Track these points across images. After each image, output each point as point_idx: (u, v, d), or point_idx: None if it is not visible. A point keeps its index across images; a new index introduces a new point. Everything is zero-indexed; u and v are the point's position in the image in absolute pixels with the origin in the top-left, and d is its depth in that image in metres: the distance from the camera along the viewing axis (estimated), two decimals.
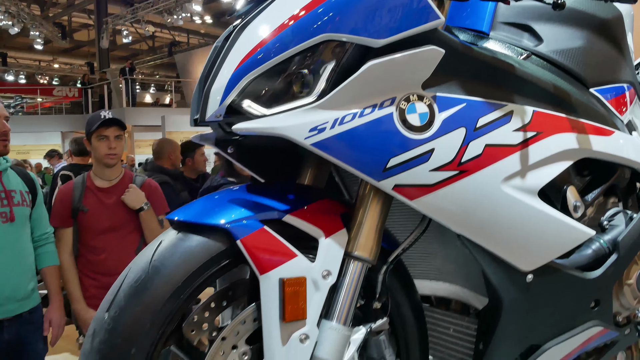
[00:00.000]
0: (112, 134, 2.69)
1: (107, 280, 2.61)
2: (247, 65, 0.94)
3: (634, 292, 1.29)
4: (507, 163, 1.02)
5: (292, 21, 0.93)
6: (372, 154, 0.93)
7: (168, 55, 20.42)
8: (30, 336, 2.43)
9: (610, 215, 1.29)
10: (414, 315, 1.17)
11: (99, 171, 2.76)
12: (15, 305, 2.35)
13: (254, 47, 0.95)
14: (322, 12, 0.92)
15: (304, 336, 0.96)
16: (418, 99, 0.96)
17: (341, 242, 1.00)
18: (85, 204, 2.72)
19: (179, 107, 17.21)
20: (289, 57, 0.93)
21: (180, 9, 14.10)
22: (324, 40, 0.92)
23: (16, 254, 2.37)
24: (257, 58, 0.94)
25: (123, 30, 17.03)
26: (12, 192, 2.40)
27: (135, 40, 18.62)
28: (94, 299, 2.68)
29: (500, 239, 1.05)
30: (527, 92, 1.08)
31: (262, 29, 0.96)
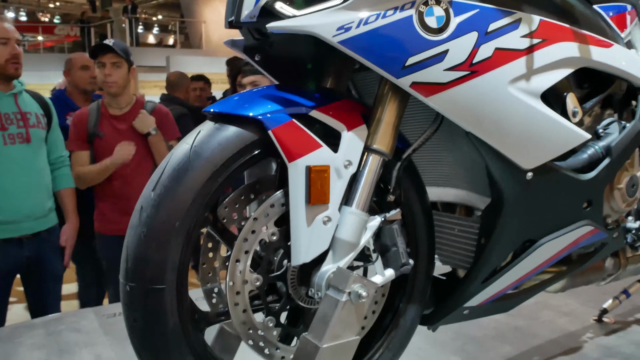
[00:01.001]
0: (108, 60, 2.73)
1: (122, 205, 2.73)
2: None
3: (623, 196, 1.41)
4: (514, 66, 1.12)
5: None
6: (392, 53, 1.03)
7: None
8: (49, 255, 2.57)
9: (606, 124, 1.39)
10: (423, 211, 1.29)
11: (109, 100, 2.83)
12: (34, 223, 2.47)
13: None
14: None
15: (326, 218, 1.08)
16: (436, 3, 1.05)
17: (361, 136, 1.11)
18: (101, 129, 2.81)
19: (183, 47, 17.07)
20: None
21: None
22: None
23: (33, 174, 2.48)
24: None
25: None
26: (28, 114, 2.49)
27: None
28: (111, 223, 2.80)
29: (505, 137, 1.16)
30: (534, 3, 1.17)
31: None
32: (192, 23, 17.59)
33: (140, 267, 1.01)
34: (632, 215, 1.58)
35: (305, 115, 1.09)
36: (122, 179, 2.80)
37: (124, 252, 1.04)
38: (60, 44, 19.60)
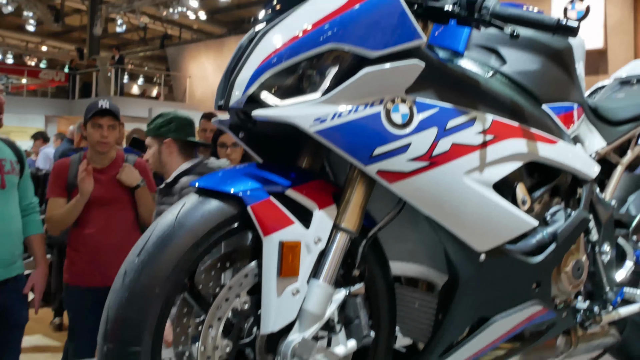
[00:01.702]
0: (106, 123, 2.83)
1: (94, 256, 2.77)
2: (268, 63, 1.16)
3: (569, 279, 1.53)
4: (469, 159, 1.25)
5: (306, 32, 1.15)
6: (361, 143, 1.16)
7: (160, 47, 20.48)
8: (15, 304, 2.55)
9: (553, 212, 1.53)
10: (386, 286, 1.39)
11: (93, 155, 2.91)
12: (3, 271, 2.47)
13: (274, 49, 1.16)
14: (330, 27, 1.14)
15: (295, 290, 1.18)
16: (401, 102, 1.19)
17: (331, 215, 1.22)
18: None
19: (167, 100, 17.31)
20: (302, 60, 1.16)
21: (177, 2, 14.23)
22: (330, 49, 1.14)
23: (6, 220, 2.50)
24: (277, 58, 1.15)
25: (117, 19, 17.07)
26: (3, 161, 2.55)
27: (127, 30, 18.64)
28: (81, 274, 2.82)
29: (461, 222, 1.28)
30: (489, 103, 1.32)
31: (281, 35, 1.18)
32: (177, 76, 17.93)
33: (119, 329, 1.08)
34: (582, 296, 1.70)
35: (282, 194, 1.20)
36: (98, 228, 2.82)
37: (105, 314, 1.11)
38: (43, 88, 19.72)
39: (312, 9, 1.18)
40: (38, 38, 22.93)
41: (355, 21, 1.14)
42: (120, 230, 2.81)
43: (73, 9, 19.62)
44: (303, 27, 1.16)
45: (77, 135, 4.47)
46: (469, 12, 1.24)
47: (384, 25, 1.14)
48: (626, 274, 1.83)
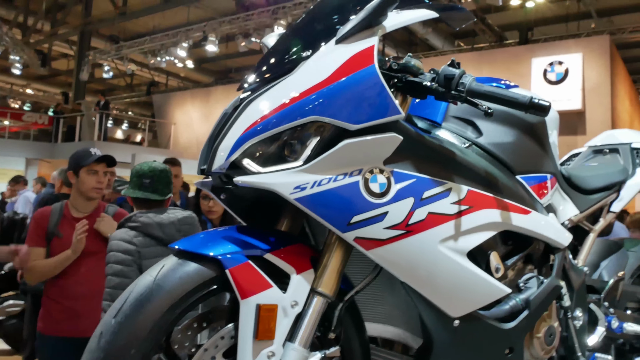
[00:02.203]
0: (102, 169, 2.88)
1: (70, 305, 2.75)
2: (251, 132, 1.20)
3: (541, 345, 1.56)
4: (444, 228, 1.30)
5: (290, 103, 1.21)
6: (340, 211, 1.20)
7: (146, 94, 20.67)
8: None
9: (526, 279, 1.57)
10: (361, 349, 1.40)
11: (78, 203, 2.91)
12: None
13: (258, 118, 1.21)
14: (313, 100, 1.20)
15: (271, 353, 1.19)
16: (379, 172, 1.24)
17: (308, 279, 1.25)
18: (61, 229, 2.87)
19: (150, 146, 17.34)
20: (284, 130, 1.21)
21: (165, 52, 14.46)
22: (312, 121, 1.20)
23: None
24: (261, 127, 1.20)
25: (104, 65, 17.25)
26: None
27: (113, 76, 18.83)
28: (57, 323, 2.78)
29: (435, 288, 1.31)
30: (464, 174, 1.38)
31: (266, 104, 1.23)
32: (162, 123, 18.03)
33: None
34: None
35: (260, 257, 1.23)
36: (76, 278, 2.80)
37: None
38: (26, 130, 19.66)
39: (296, 81, 1.24)
40: (24, 81, 23.01)
41: (336, 95, 1.20)
42: (99, 281, 2.77)
43: (60, 54, 19.81)
44: (287, 98, 1.21)
45: (59, 180, 4.46)
46: (446, 89, 1.31)
47: (364, 100, 1.20)
48: (598, 339, 1.87)
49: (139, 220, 2.45)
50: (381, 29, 1.30)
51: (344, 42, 1.27)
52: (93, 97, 18.89)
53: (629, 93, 13.37)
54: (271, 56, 1.38)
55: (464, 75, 1.32)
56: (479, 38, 14.95)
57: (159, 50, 14.60)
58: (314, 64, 1.26)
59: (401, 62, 1.37)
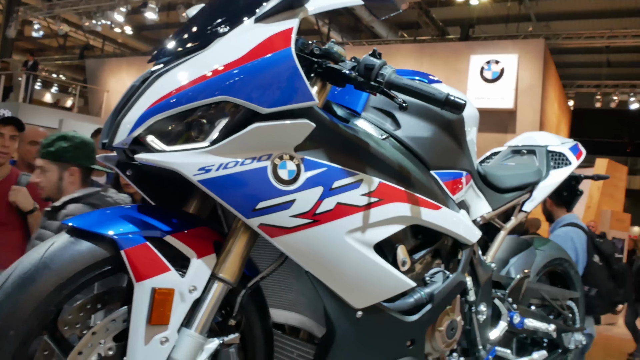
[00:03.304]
0: (7, 132, 2.71)
1: None
2: (157, 107, 1.14)
3: (443, 338, 1.59)
4: (352, 219, 1.29)
5: (200, 80, 1.15)
6: (245, 196, 1.16)
7: (79, 57, 19.70)
8: None
9: (432, 273, 1.60)
10: (263, 336, 1.38)
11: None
12: None
13: (166, 93, 1.15)
14: (224, 78, 1.15)
15: (164, 339, 1.15)
16: (289, 159, 1.21)
17: (209, 264, 1.21)
18: None
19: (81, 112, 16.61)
20: (192, 108, 1.15)
21: (101, 15, 13.80)
22: (222, 101, 1.15)
23: None
24: (167, 103, 1.14)
25: (34, 23, 16.30)
26: None
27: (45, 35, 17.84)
28: None
29: (339, 279, 1.30)
30: (377, 166, 1.37)
31: (176, 79, 1.17)
32: (94, 89, 17.29)
33: None
34: (456, 353, 1.77)
35: (160, 239, 1.17)
36: None
37: None
38: None
39: (209, 58, 1.19)
40: None
41: (249, 76, 1.15)
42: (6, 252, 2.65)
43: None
44: (197, 75, 1.16)
45: None
46: (366, 78, 1.29)
47: (277, 83, 1.17)
48: (499, 333, 1.93)
49: (111, 198, 2.35)
50: (303, 11, 1.26)
51: (263, 21, 1.23)
52: (21, 57, 17.85)
53: (559, 97, 13.97)
54: (187, 29, 1.31)
55: (384, 67, 1.30)
56: (422, 30, 15.16)
57: (95, 13, 13.93)
58: (229, 41, 1.21)
59: (323, 48, 1.33)
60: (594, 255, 3.35)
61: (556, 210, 3.32)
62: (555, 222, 3.47)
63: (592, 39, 13.19)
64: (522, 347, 2.32)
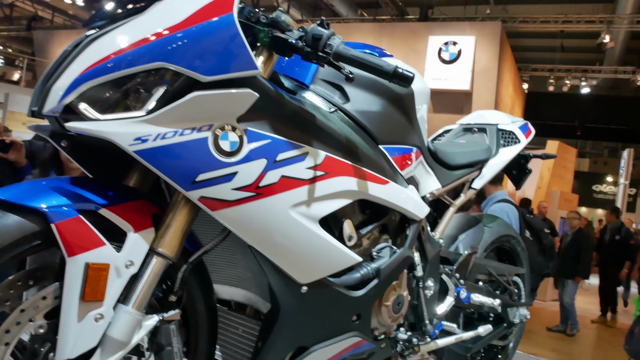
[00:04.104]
0: None
1: None
2: (90, 73, 1.08)
3: (389, 312, 1.60)
4: (296, 193, 1.26)
5: (137, 45, 1.09)
6: (184, 168, 1.12)
7: (26, 29, 18.84)
8: None
9: (379, 248, 1.59)
10: (207, 312, 1.35)
11: None
12: None
13: (100, 58, 1.09)
14: (162, 44, 1.09)
15: (99, 316, 1.10)
16: (231, 130, 1.17)
17: (148, 238, 1.16)
18: None
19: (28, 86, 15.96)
20: (128, 74, 1.09)
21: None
22: (159, 67, 1.10)
23: None
24: (101, 68, 1.08)
25: None
26: None
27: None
28: None
29: (283, 254, 1.28)
30: (323, 139, 1.34)
31: (111, 44, 1.10)
32: (43, 62, 16.62)
33: None
34: (403, 327, 1.78)
35: (94, 212, 1.12)
36: None
37: None
38: None
39: (147, 22, 1.13)
40: None
41: (189, 42, 1.10)
42: None
43: None
44: (134, 39, 1.10)
45: None
46: (313, 49, 1.26)
47: (218, 51, 1.12)
48: (446, 308, 1.96)
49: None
50: None
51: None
52: None
53: (514, 80, 14.21)
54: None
55: (332, 37, 1.27)
56: (381, 10, 15.12)
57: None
58: (168, 5, 1.15)
59: (270, 16, 1.29)
60: (525, 231, 3.48)
61: (489, 187, 3.41)
62: (488, 199, 3.57)
63: (547, 24, 13.42)
64: (468, 322, 2.36)
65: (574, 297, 7.08)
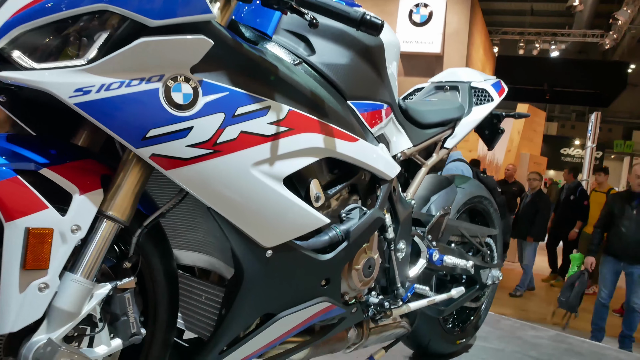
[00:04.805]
0: None
1: None
2: (23, 15, 0.96)
3: (360, 276, 1.53)
4: (258, 150, 1.17)
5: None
6: (133, 123, 1.02)
7: None
8: None
9: (349, 210, 1.52)
10: (166, 279, 1.27)
11: None
12: None
13: (32, 0, 0.97)
14: None
15: (43, 285, 1.01)
16: (185, 81, 1.06)
17: (95, 201, 1.07)
18: None
19: None
20: (67, 18, 0.98)
21: None
22: (102, 10, 0.98)
23: None
24: (34, 11, 0.96)
25: None
26: None
27: None
28: None
29: (246, 216, 1.20)
30: (287, 93, 1.25)
31: None
32: None
33: None
34: (375, 291, 1.73)
35: (35, 173, 1.02)
36: None
37: None
38: None
39: None
40: None
41: None
42: None
43: None
44: None
45: None
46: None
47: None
48: (418, 271, 1.91)
49: None
50: None
51: None
52: None
53: (484, 43, 14.16)
54: None
55: None
56: None
57: None
58: None
59: None
60: None
61: None
62: None
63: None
64: (440, 284, 2.33)
65: (532, 258, 7.09)
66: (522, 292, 7.02)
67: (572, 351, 2.84)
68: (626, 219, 4.66)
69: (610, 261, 4.76)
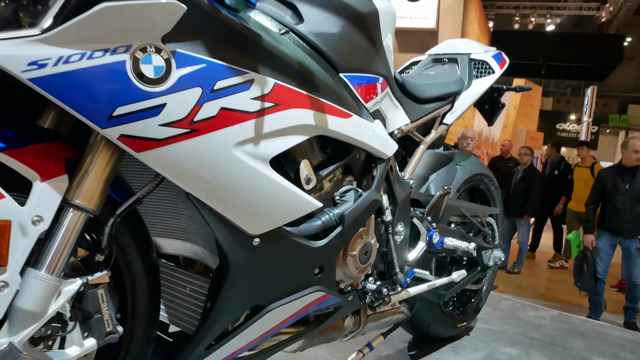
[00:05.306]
0: None
1: None
2: None
3: (356, 263, 1.43)
4: (241, 128, 1.05)
5: None
6: (98, 99, 0.90)
7: None
8: None
9: (343, 192, 1.40)
10: (145, 271, 1.16)
11: None
12: None
13: None
14: None
15: (2, 284, 0.90)
16: (155, 51, 0.94)
17: (59, 188, 0.95)
18: None
19: None
20: None
21: None
22: None
23: None
24: None
25: None
26: None
27: None
28: None
29: (229, 202, 1.09)
30: (272, 65, 1.12)
31: None
32: None
33: None
34: (372, 277, 1.63)
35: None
36: None
37: None
38: None
39: None
40: None
41: None
42: None
43: None
44: None
45: None
46: None
47: None
48: (417, 254, 1.81)
49: None
50: None
51: None
52: None
53: (479, 17, 13.95)
54: None
55: None
56: None
57: None
58: None
59: None
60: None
61: None
62: None
63: None
64: (441, 267, 2.24)
65: (527, 236, 6.97)
66: (520, 269, 6.97)
67: (575, 331, 2.77)
68: (620, 194, 4.62)
69: (605, 235, 4.74)
